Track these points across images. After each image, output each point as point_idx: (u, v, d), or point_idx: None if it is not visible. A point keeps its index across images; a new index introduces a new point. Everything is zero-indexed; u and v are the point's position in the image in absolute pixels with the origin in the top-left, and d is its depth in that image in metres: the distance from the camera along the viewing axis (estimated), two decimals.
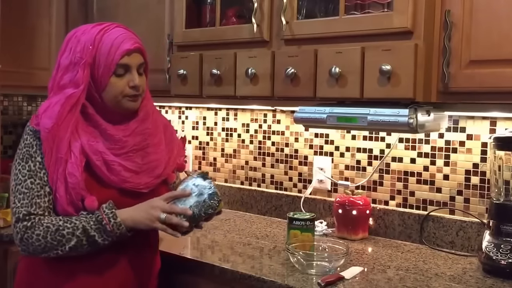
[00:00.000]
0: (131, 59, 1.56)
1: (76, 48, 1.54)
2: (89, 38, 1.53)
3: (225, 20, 2.11)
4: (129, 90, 1.56)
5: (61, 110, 1.50)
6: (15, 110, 3.02)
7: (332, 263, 1.68)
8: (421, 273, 1.70)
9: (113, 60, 1.52)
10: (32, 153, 1.52)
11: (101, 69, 1.53)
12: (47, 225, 1.47)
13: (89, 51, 1.52)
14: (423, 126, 1.68)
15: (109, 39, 1.53)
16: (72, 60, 1.53)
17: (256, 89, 1.95)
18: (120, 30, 1.56)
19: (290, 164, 2.41)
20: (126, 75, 1.56)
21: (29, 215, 1.48)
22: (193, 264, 1.82)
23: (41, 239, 1.47)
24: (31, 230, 1.47)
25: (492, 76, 1.55)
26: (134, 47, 1.55)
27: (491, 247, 1.68)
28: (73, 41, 1.56)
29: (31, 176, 1.51)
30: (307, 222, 1.85)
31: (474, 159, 1.94)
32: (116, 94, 1.55)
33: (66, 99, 1.51)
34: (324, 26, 1.81)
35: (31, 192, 1.50)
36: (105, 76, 1.53)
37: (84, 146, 1.52)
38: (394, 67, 1.63)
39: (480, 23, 1.57)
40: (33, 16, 2.58)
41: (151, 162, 1.61)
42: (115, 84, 1.54)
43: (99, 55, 1.52)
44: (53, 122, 1.49)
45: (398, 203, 2.12)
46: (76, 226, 1.47)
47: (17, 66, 2.47)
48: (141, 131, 1.61)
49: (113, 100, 1.56)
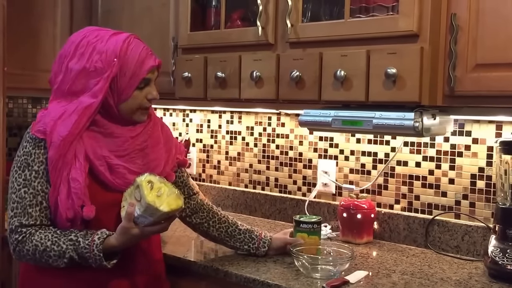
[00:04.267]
0: (153, 74, 1.60)
1: (93, 56, 1.52)
2: (112, 49, 1.52)
3: (230, 23, 2.11)
4: (147, 102, 1.59)
5: (78, 120, 1.50)
6: (20, 113, 3.02)
7: (337, 267, 1.67)
8: (427, 278, 1.69)
9: (139, 75, 1.55)
10: (30, 162, 1.52)
11: (125, 82, 1.53)
12: (36, 244, 1.49)
13: (113, 63, 1.51)
14: (428, 129, 1.68)
15: (134, 53, 1.54)
16: (87, 67, 1.52)
17: (261, 92, 1.95)
18: (140, 44, 1.58)
19: (295, 168, 2.40)
20: (145, 88, 1.58)
21: (20, 227, 1.50)
22: (197, 267, 1.81)
23: (31, 254, 1.50)
24: (22, 245, 1.49)
25: (498, 80, 1.54)
26: (157, 63, 1.59)
27: (497, 252, 1.67)
28: (84, 46, 1.53)
29: (25, 185, 1.51)
30: (314, 225, 1.85)
31: (480, 163, 1.93)
32: (134, 106, 1.57)
33: (83, 110, 1.51)
34: (329, 29, 1.80)
35: (24, 202, 1.50)
36: (129, 89, 1.55)
37: (88, 152, 1.52)
38: (399, 70, 1.62)
39: (487, 26, 1.56)
40: (38, 18, 2.58)
41: (150, 162, 1.62)
42: (136, 96, 1.56)
43: (125, 69, 1.53)
44: (69, 131, 1.49)
45: (403, 207, 2.11)
46: (62, 252, 1.48)
47: (22, 68, 2.47)
48: (143, 133, 1.63)
49: (129, 112, 1.57)
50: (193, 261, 1.84)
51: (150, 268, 1.69)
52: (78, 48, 1.54)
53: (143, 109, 1.60)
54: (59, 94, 1.56)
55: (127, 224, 1.47)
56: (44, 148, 1.52)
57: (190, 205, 1.83)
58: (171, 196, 1.48)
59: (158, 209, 1.44)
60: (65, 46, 1.58)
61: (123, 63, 1.52)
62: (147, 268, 1.67)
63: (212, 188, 2.66)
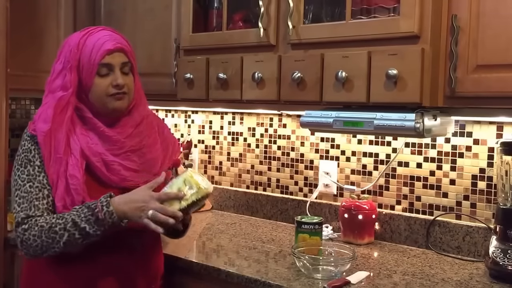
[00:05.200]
0: (113, 58, 1.58)
1: (66, 53, 1.59)
2: (74, 42, 1.58)
3: (232, 25, 2.12)
4: (112, 89, 1.59)
5: (53, 113, 1.54)
6: (23, 114, 3.03)
7: (338, 267, 1.68)
8: (427, 278, 1.70)
9: (95, 60, 1.56)
10: (31, 158, 1.55)
11: (85, 70, 1.56)
12: (41, 225, 1.49)
13: (74, 54, 1.57)
14: (429, 130, 1.68)
15: (91, 41, 1.57)
16: (64, 65, 1.58)
17: (263, 93, 1.95)
18: (104, 32, 1.60)
19: (296, 168, 2.41)
20: (109, 75, 1.59)
21: (27, 218, 1.50)
22: (199, 268, 1.82)
23: (37, 239, 1.48)
24: (28, 232, 1.49)
25: (499, 81, 1.55)
26: (115, 47, 1.58)
27: (498, 253, 1.67)
28: (64, 47, 1.61)
29: (30, 180, 1.53)
30: (315, 226, 1.86)
31: (481, 164, 1.94)
32: (101, 94, 1.58)
33: (56, 102, 1.55)
34: (330, 30, 1.81)
35: (30, 196, 1.51)
36: (89, 76, 1.57)
37: (84, 148, 1.54)
38: (400, 71, 1.62)
39: (487, 27, 1.57)
40: (41, 20, 2.59)
41: (148, 161, 1.64)
42: (99, 84, 1.58)
43: (83, 57, 1.57)
44: (49, 125, 1.53)
45: (404, 208, 2.11)
46: (66, 221, 1.48)
47: (25, 69, 2.47)
48: (136, 134, 1.64)
49: (99, 101, 1.59)
50: (195, 261, 1.84)
51: (150, 268, 1.69)
52: (62, 50, 1.62)
53: (112, 96, 1.59)
54: (47, 93, 1.62)
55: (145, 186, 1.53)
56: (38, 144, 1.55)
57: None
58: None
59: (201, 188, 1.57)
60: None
61: (82, 52, 1.57)
62: (147, 268, 1.68)
63: (213, 189, 2.65)
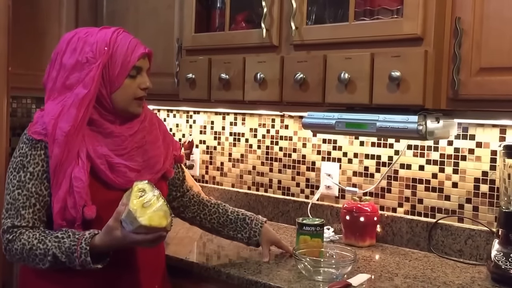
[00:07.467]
0: (144, 62, 1.61)
1: (84, 49, 1.54)
2: (102, 39, 1.55)
3: (234, 25, 2.11)
4: (140, 91, 1.60)
5: (77, 113, 1.50)
6: (24, 112, 3.02)
7: (340, 270, 1.67)
8: (429, 282, 1.69)
9: (130, 61, 1.56)
10: (25, 163, 1.52)
11: (117, 70, 1.55)
12: (23, 242, 1.48)
13: (104, 52, 1.54)
14: (432, 133, 1.67)
15: (124, 41, 1.57)
16: (79, 60, 1.54)
17: (265, 94, 1.95)
18: (129, 35, 1.61)
19: (298, 170, 2.40)
20: (137, 78, 1.59)
21: (12, 227, 1.50)
22: (199, 269, 1.81)
23: (19, 254, 1.49)
24: (11, 244, 1.50)
25: (502, 84, 1.54)
26: (148, 51, 1.61)
27: (500, 256, 1.67)
28: (75, 41, 1.57)
29: (19, 187, 1.51)
30: (317, 228, 1.86)
31: (484, 167, 1.93)
32: (129, 95, 1.58)
33: (80, 101, 1.51)
34: (333, 31, 1.80)
35: (17, 203, 1.50)
36: (120, 76, 1.56)
37: (89, 150, 1.52)
38: (403, 73, 1.62)
39: (491, 30, 1.56)
40: (43, 19, 2.59)
41: (150, 159, 1.63)
42: (129, 85, 1.57)
43: (116, 56, 1.55)
44: (71, 125, 1.49)
45: (406, 211, 2.10)
46: (47, 249, 1.46)
47: (27, 68, 2.47)
48: (141, 130, 1.64)
49: (123, 102, 1.58)
50: (195, 262, 1.84)
51: (151, 270, 1.68)
52: (69, 44, 1.57)
53: (138, 100, 1.60)
54: (54, 91, 1.57)
55: (112, 223, 1.42)
56: (41, 150, 1.52)
57: (183, 202, 1.87)
58: (157, 212, 1.39)
59: (136, 219, 1.36)
60: (57, 45, 1.61)
61: (114, 51, 1.55)
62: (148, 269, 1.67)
63: (215, 189, 2.66)
